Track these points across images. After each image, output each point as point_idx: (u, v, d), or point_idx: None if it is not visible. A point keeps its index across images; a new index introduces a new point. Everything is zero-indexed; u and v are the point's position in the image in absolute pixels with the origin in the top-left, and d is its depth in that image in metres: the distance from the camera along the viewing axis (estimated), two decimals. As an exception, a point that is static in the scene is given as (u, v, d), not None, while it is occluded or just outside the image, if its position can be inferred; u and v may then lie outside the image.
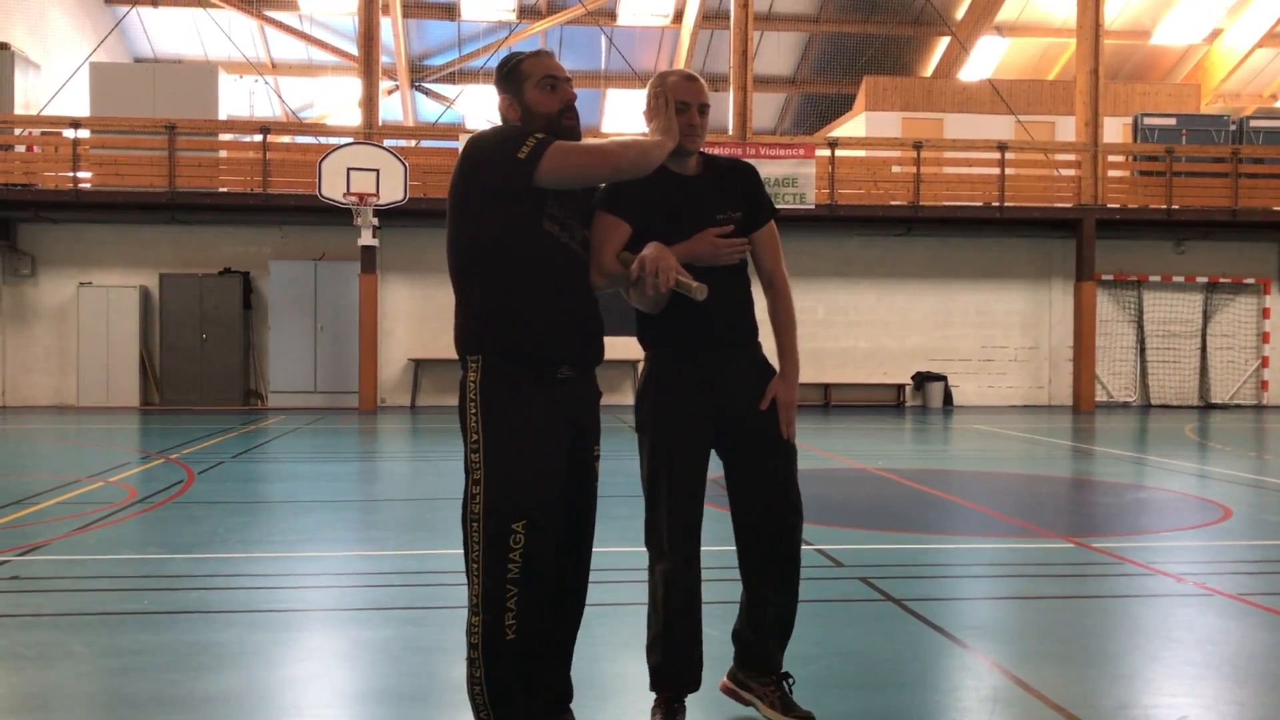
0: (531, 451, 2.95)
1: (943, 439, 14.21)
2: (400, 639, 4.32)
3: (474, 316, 3.01)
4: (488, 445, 2.94)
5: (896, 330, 19.61)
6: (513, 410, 2.95)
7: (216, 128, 18.38)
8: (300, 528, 7.01)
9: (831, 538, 6.49)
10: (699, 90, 3.30)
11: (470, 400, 2.98)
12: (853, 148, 19.68)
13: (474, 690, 2.94)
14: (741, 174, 3.46)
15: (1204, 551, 6.30)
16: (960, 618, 4.81)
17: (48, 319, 18.21)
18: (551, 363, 3.01)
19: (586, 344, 3.11)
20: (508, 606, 2.88)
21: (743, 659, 3.47)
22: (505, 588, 2.88)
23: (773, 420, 3.32)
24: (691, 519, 3.28)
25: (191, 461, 10.21)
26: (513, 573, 2.89)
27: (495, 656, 2.91)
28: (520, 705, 2.97)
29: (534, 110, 3.09)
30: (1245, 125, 19.68)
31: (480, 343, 2.99)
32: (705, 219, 3.30)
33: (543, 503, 2.96)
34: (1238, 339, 20.17)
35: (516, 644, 2.91)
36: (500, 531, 2.89)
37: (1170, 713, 3.56)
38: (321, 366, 18.04)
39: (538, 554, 2.93)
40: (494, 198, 2.97)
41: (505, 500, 2.90)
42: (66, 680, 3.86)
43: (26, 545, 6.19)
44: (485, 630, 2.90)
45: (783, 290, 3.43)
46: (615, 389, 19.17)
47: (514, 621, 2.89)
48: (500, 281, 2.98)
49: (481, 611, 2.90)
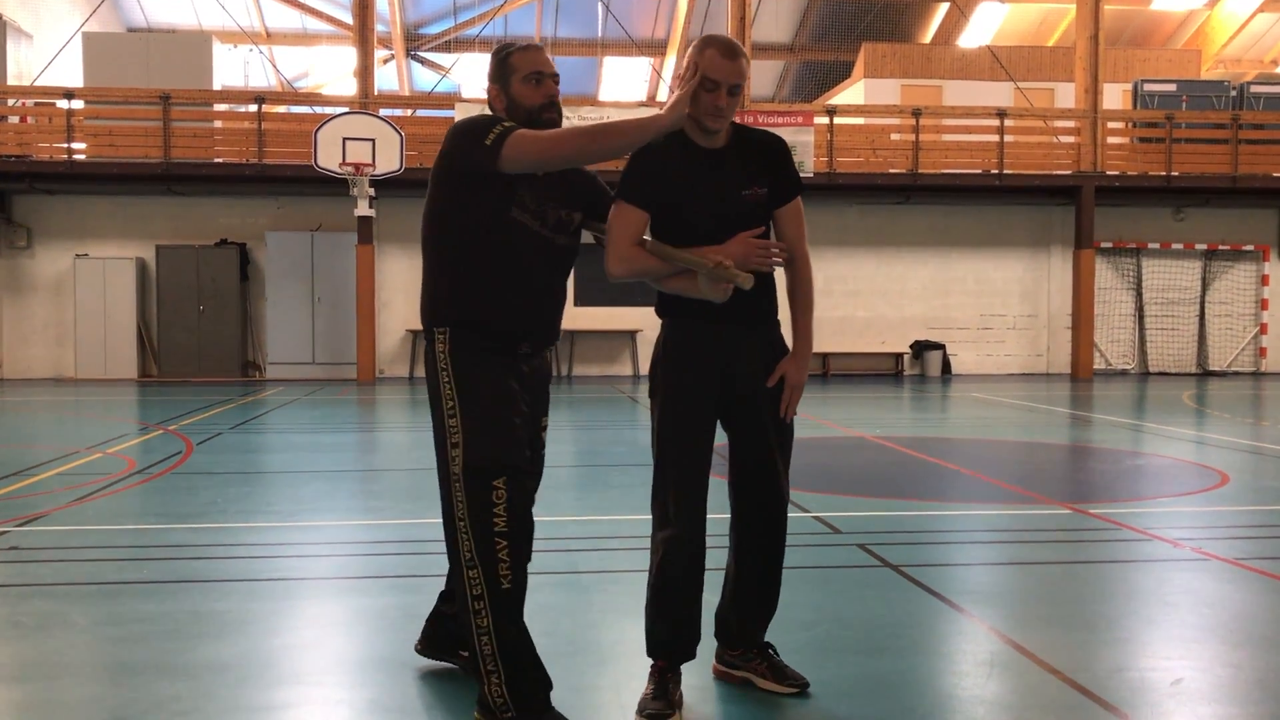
0: (504, 412, 3.10)
1: (941, 407, 14.22)
2: (399, 606, 4.33)
3: (442, 291, 3.17)
4: (464, 408, 3.08)
5: (895, 299, 19.59)
6: (483, 374, 3.11)
7: (211, 98, 18.27)
8: (299, 497, 7.03)
9: (829, 505, 6.50)
10: (734, 70, 3.14)
11: (442, 369, 3.13)
12: (851, 115, 19.58)
13: (481, 641, 3.03)
14: (771, 148, 3.35)
15: (1201, 517, 6.32)
16: (957, 583, 4.83)
17: (44, 291, 18.18)
18: (514, 337, 3.17)
19: (545, 325, 3.27)
20: (500, 558, 3.00)
21: (725, 639, 3.50)
22: (495, 541, 3.00)
23: (775, 398, 3.31)
24: (696, 487, 3.28)
25: (190, 433, 10.22)
26: (499, 526, 3.01)
27: (498, 606, 3.02)
28: (528, 649, 3.07)
29: (518, 102, 3.20)
30: (1246, 91, 19.57)
31: (448, 315, 3.15)
32: (729, 195, 3.24)
33: (520, 457, 3.09)
34: (1236, 306, 20.16)
35: (513, 593, 3.03)
36: (483, 488, 3.01)
37: (1166, 675, 3.58)
38: (319, 338, 18.02)
39: (521, 506, 3.07)
40: (465, 184, 3.11)
41: (485, 458, 3.03)
42: (66, 649, 3.87)
43: (26, 516, 6.20)
44: (486, 582, 3.01)
45: (803, 268, 3.37)
46: (614, 359, 19.18)
47: (508, 572, 3.01)
48: (467, 262, 3.14)
49: (478, 565, 3.01)
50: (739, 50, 3.18)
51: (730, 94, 3.16)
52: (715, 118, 3.18)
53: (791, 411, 3.33)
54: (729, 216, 3.24)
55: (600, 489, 7.47)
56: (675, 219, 3.26)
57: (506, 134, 3.02)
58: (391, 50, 27.72)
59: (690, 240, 3.23)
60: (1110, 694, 3.38)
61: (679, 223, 3.26)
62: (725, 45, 3.17)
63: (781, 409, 3.31)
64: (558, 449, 9.22)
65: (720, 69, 3.13)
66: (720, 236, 3.21)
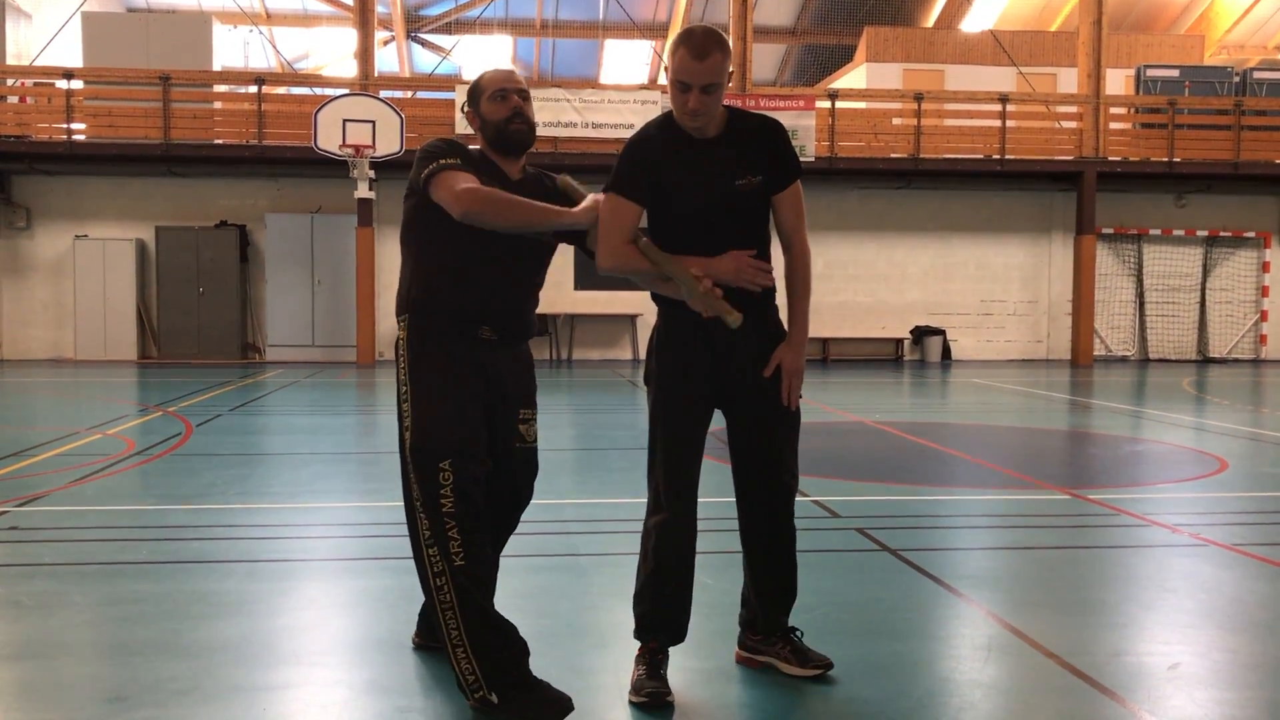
0: (453, 394, 3.16)
1: (940, 393, 14.23)
2: (398, 588, 4.34)
3: (405, 281, 3.32)
4: (413, 391, 3.19)
5: (895, 284, 19.57)
6: (434, 356, 3.20)
7: (211, 79, 18.20)
8: (299, 479, 7.04)
9: (828, 489, 6.51)
10: (705, 71, 3.03)
11: (400, 355, 3.27)
12: (853, 99, 19.52)
13: (445, 617, 3.08)
14: (767, 133, 3.26)
15: (1199, 503, 6.33)
16: (956, 568, 4.83)
17: (44, 272, 18.15)
18: (471, 321, 3.21)
19: (510, 312, 3.30)
20: (451, 537, 3.08)
21: (749, 625, 3.49)
22: (444, 521, 3.08)
23: (776, 385, 3.29)
24: (687, 474, 3.27)
25: (189, 414, 10.23)
26: (446, 507, 3.08)
27: (456, 582, 3.07)
28: (494, 625, 3.10)
29: (486, 119, 3.30)
30: (1249, 77, 19.51)
31: (407, 303, 3.28)
32: (723, 185, 3.20)
33: (466, 440, 3.13)
34: (1237, 293, 20.14)
35: (468, 570, 3.08)
36: (430, 470, 3.09)
37: (1163, 660, 3.59)
38: (319, 320, 18.01)
39: (469, 488, 3.11)
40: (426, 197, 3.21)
41: (431, 440, 3.11)
42: (66, 628, 3.88)
43: (26, 496, 6.21)
44: (444, 559, 3.08)
45: (800, 254, 3.33)
46: (614, 343, 19.17)
47: (459, 550, 3.07)
48: (426, 252, 3.26)
49: (436, 543, 3.09)
50: (711, 49, 3.04)
51: (705, 92, 3.06)
52: (691, 118, 3.12)
53: (795, 398, 3.31)
54: (721, 206, 3.21)
55: (599, 472, 7.48)
56: (667, 209, 3.24)
57: (436, 172, 3.14)
58: (392, 32, 27.62)
59: (683, 230, 3.22)
60: (1108, 678, 3.39)
61: (671, 213, 3.24)
62: (697, 45, 3.04)
63: (784, 397, 3.28)
64: (557, 433, 9.24)
65: (690, 71, 3.04)
66: (714, 226, 3.20)
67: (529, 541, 3.52)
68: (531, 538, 4.46)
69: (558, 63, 30.81)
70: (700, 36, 3.08)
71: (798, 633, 3.46)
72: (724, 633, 3.69)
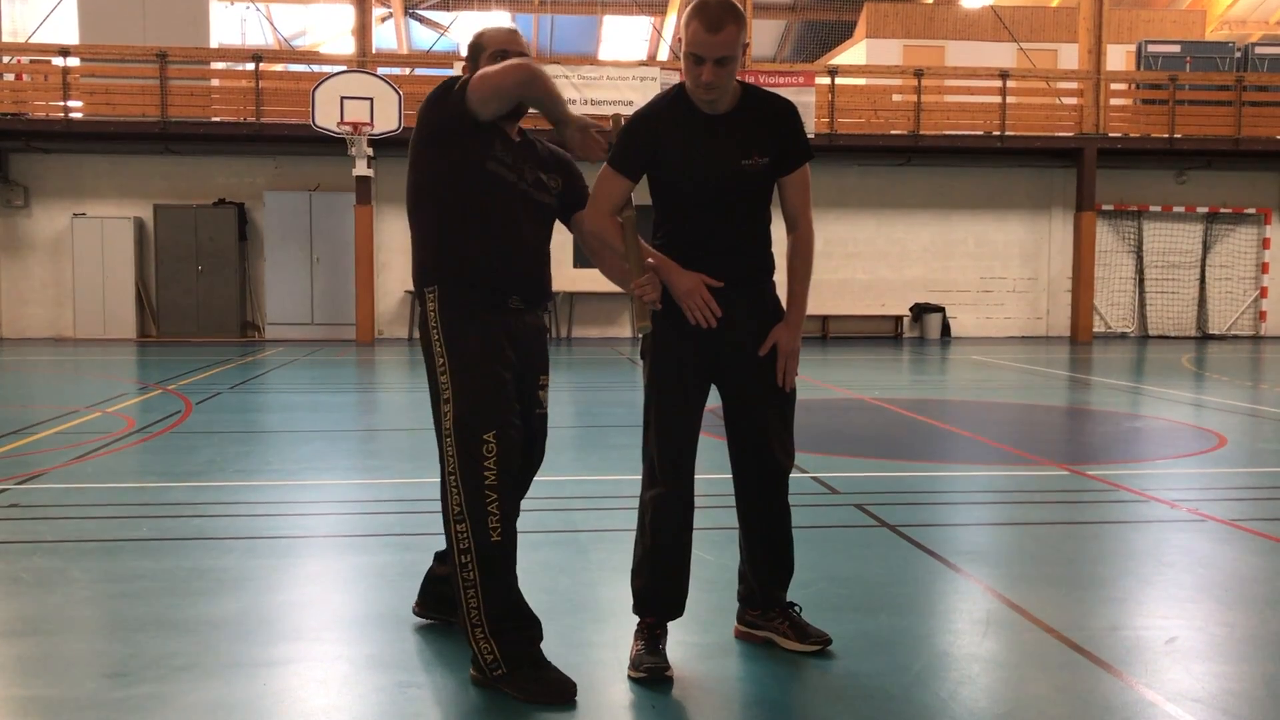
0: (493, 367, 3.11)
1: (939, 369, 14.23)
2: (398, 564, 4.35)
3: (429, 251, 3.20)
4: (453, 365, 3.11)
5: (895, 261, 19.54)
6: (473, 330, 3.12)
7: (208, 56, 18.11)
8: (299, 456, 7.04)
9: (827, 465, 6.52)
10: (719, 44, 3.00)
11: (432, 328, 3.16)
12: (853, 75, 19.44)
13: (467, 595, 3.08)
14: (778, 114, 3.22)
15: (1198, 479, 6.34)
16: (954, 543, 4.84)
17: (42, 250, 18.12)
18: (503, 291, 3.17)
19: (534, 279, 3.25)
20: (489, 511, 3.05)
21: (747, 600, 3.50)
22: (485, 494, 3.05)
23: (771, 364, 3.27)
24: (681, 448, 3.27)
25: (189, 392, 10.23)
26: (489, 480, 3.05)
27: (485, 561, 3.06)
28: (515, 605, 3.12)
29: None
30: (1250, 52, 19.42)
31: (436, 273, 3.18)
32: (728, 164, 3.17)
33: (509, 412, 3.11)
34: (1237, 269, 20.11)
35: (502, 546, 3.08)
36: (473, 443, 3.05)
37: (1160, 634, 3.60)
38: (318, 298, 17.99)
39: (510, 461, 3.09)
40: (441, 142, 3.16)
41: (475, 414, 3.07)
42: (66, 605, 3.89)
43: (25, 474, 6.21)
44: (474, 535, 3.06)
45: (804, 235, 3.30)
46: (613, 321, 19.15)
47: (497, 525, 3.06)
48: (450, 217, 3.16)
49: (467, 519, 3.06)
50: (725, 21, 3.00)
51: (719, 65, 3.04)
52: (705, 90, 3.10)
53: (790, 378, 3.29)
54: (725, 184, 3.19)
55: (599, 449, 7.49)
56: (671, 183, 3.23)
57: (470, 78, 3.13)
58: (389, 8, 27.46)
59: (687, 205, 3.22)
60: (1105, 652, 3.40)
61: (674, 189, 3.23)
62: (711, 17, 3.00)
63: (779, 377, 3.27)
64: (557, 409, 9.23)
65: (703, 44, 3.01)
66: (717, 203, 3.19)
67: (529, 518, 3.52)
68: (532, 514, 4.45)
69: (556, 39, 30.66)
70: (715, 8, 3.02)
71: (796, 608, 3.47)
72: (722, 608, 3.70)
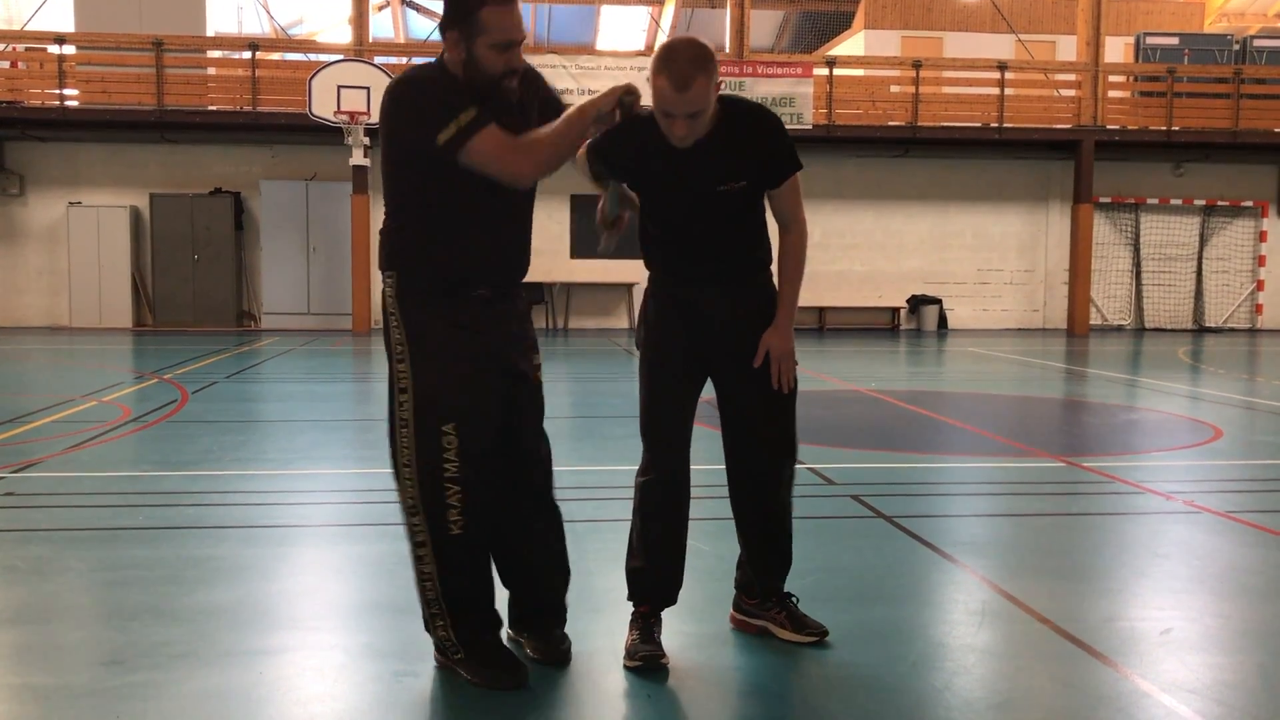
0: (455, 357, 2.98)
1: (936, 361, 14.23)
2: (394, 553, 4.34)
3: (393, 234, 3.05)
4: (413, 353, 2.99)
5: (892, 253, 19.52)
6: (433, 318, 2.99)
7: (204, 44, 18.04)
8: (295, 446, 7.04)
9: (823, 457, 6.52)
10: (688, 101, 2.90)
11: (390, 314, 3.04)
12: (851, 67, 19.40)
13: (425, 585, 3.04)
14: (759, 132, 3.11)
15: (1193, 470, 6.34)
16: (950, 534, 4.85)
17: (38, 239, 18.07)
18: (466, 283, 3.01)
19: (505, 266, 3.09)
20: (449, 504, 2.97)
21: (744, 588, 3.50)
22: (444, 486, 2.96)
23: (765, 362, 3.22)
24: (670, 432, 3.26)
25: (185, 381, 10.21)
26: (449, 472, 2.96)
27: (444, 553, 3.00)
28: (475, 594, 3.07)
29: (480, 66, 2.87)
30: (1249, 45, 19.40)
31: (396, 259, 3.03)
32: (703, 189, 3.12)
33: (473, 404, 2.99)
34: (1234, 262, 20.11)
35: (463, 539, 2.99)
36: (432, 434, 2.95)
37: (1156, 625, 3.60)
38: (314, 288, 17.96)
39: (475, 453, 2.99)
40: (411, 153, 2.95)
41: (433, 404, 2.96)
42: (62, 593, 3.89)
43: (21, 462, 6.20)
44: (430, 528, 2.99)
45: (796, 237, 3.23)
46: (610, 312, 19.13)
47: (459, 518, 2.97)
48: (416, 207, 3.00)
49: (422, 511, 2.99)
50: (693, 77, 2.88)
51: (691, 119, 2.96)
52: (679, 142, 3.03)
53: (787, 381, 3.24)
54: (703, 207, 3.17)
55: (596, 440, 7.49)
56: (650, 202, 3.24)
57: (468, 134, 2.82)
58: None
59: (670, 222, 3.23)
60: (1101, 643, 3.41)
61: (653, 204, 3.24)
62: (677, 76, 2.87)
63: (774, 381, 3.21)
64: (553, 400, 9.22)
65: (672, 102, 2.92)
66: (698, 222, 3.19)
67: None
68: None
69: (554, 28, 30.57)
70: (682, 64, 2.89)
71: (794, 598, 3.47)
72: (719, 598, 3.70)
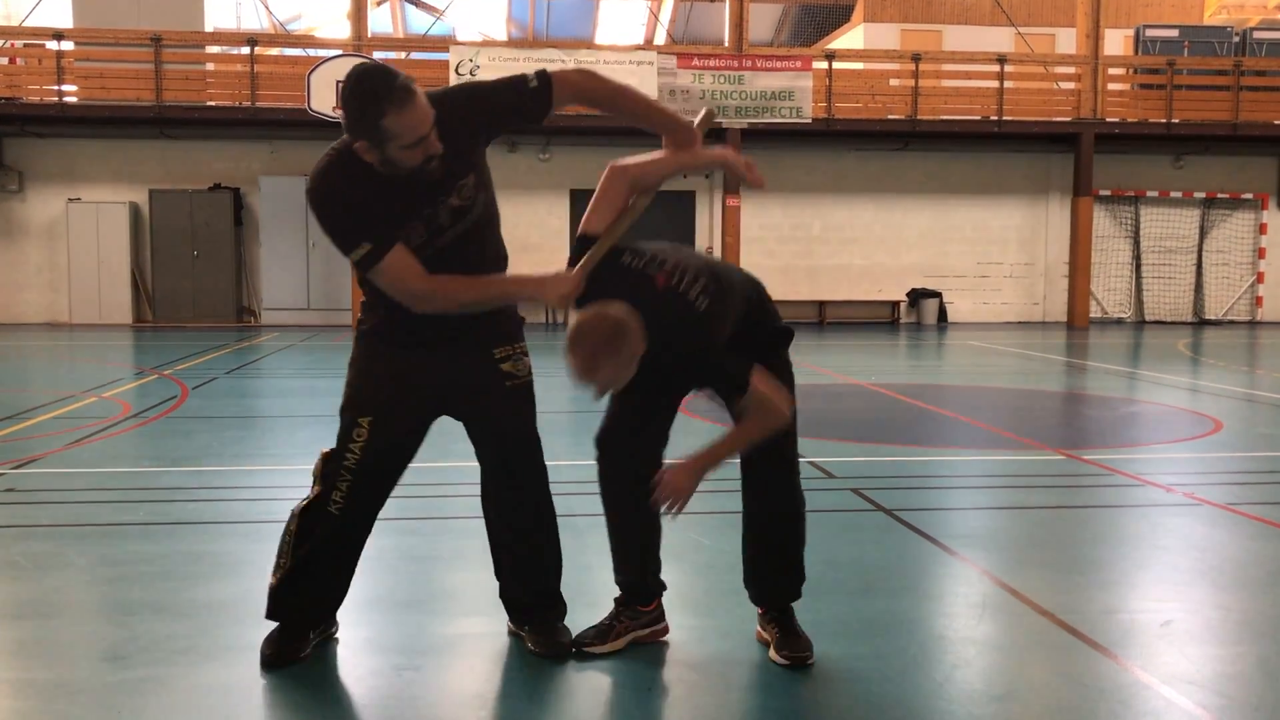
0: (384, 360, 3.15)
1: (936, 355, 14.24)
2: (396, 548, 4.35)
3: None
4: (352, 366, 3.24)
5: (892, 247, 19.51)
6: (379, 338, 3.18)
7: (203, 40, 18.02)
8: (295, 441, 7.04)
9: (823, 450, 6.52)
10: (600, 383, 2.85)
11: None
12: (850, 60, 19.38)
13: (284, 538, 3.20)
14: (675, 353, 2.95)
15: (1194, 463, 6.35)
16: (951, 527, 4.85)
17: (37, 235, 18.05)
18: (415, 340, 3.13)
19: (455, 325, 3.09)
20: (337, 485, 3.14)
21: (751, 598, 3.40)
22: (340, 471, 3.14)
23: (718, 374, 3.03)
24: (619, 423, 3.27)
25: (185, 377, 10.21)
26: (348, 461, 3.13)
27: (312, 522, 3.16)
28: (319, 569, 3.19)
29: (397, 164, 2.87)
30: (1249, 37, 19.36)
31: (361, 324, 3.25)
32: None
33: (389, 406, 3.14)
34: (1234, 255, 20.10)
35: (337, 520, 3.15)
36: (349, 423, 3.16)
37: (1156, 617, 3.61)
38: (314, 284, 17.96)
39: (377, 452, 3.13)
40: None
41: (355, 397, 3.17)
42: (64, 588, 3.89)
43: (22, 458, 6.21)
44: (315, 498, 3.17)
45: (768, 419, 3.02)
46: (609, 306, 19.11)
47: (341, 501, 3.14)
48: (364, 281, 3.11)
49: (318, 483, 3.19)
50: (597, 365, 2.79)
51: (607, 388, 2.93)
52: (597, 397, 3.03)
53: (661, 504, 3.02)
54: None
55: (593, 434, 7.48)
56: None
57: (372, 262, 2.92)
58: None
59: None
60: (1101, 635, 3.41)
61: None
62: (577, 369, 2.81)
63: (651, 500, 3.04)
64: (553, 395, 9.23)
65: (585, 386, 2.87)
66: None
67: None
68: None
69: (552, 22, 30.54)
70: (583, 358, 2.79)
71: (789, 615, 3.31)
72: (718, 591, 3.70)
